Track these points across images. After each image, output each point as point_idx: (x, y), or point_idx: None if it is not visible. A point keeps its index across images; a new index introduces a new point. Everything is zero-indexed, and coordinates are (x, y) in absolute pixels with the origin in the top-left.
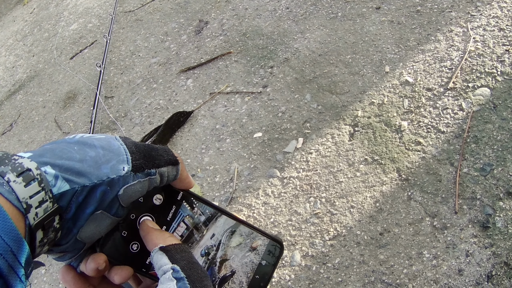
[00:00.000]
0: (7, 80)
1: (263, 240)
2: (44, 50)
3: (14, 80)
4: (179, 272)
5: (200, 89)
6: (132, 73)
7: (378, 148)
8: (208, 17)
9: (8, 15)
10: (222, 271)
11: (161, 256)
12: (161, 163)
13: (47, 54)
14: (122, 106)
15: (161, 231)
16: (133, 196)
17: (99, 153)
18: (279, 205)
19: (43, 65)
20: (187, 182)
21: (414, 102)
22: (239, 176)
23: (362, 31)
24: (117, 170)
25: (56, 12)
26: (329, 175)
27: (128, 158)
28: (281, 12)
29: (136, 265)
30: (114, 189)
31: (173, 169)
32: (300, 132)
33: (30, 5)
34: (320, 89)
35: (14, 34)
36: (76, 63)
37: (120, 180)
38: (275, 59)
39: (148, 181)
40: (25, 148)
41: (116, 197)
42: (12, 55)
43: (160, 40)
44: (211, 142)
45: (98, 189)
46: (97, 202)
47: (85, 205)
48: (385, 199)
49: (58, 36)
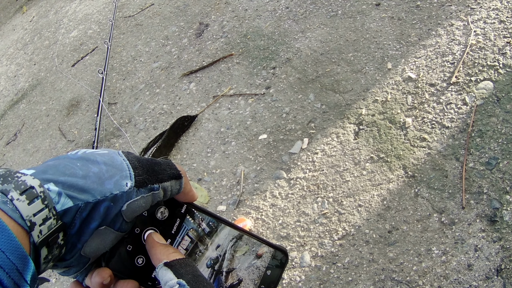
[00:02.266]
0: (9, 89)
1: (268, 249)
2: (45, 58)
3: (16, 89)
4: (185, 286)
5: (203, 93)
6: (134, 78)
7: (384, 145)
8: (208, 20)
9: (8, 24)
10: (229, 280)
11: (166, 271)
12: (164, 177)
13: (48, 62)
14: (125, 112)
15: (166, 245)
16: (136, 211)
17: (102, 169)
18: (286, 206)
19: (45, 73)
20: (190, 195)
21: (418, 98)
22: (245, 179)
23: (363, 28)
24: (120, 186)
25: (55, 19)
26: (336, 174)
27: (131, 173)
28: (281, 12)
29: (142, 278)
30: (118, 204)
31: (176, 183)
32: (305, 132)
33: (29, 13)
34: (323, 88)
35: (15, 43)
36: (78, 70)
37: (123, 196)
38: (277, 59)
39: (152, 196)
40: (30, 158)
41: (120, 212)
42: (14, 64)
43: (161, 44)
44: (217, 146)
45: (102, 205)
46: (101, 217)
47: (89, 220)
48: (392, 196)
49: (58, 43)
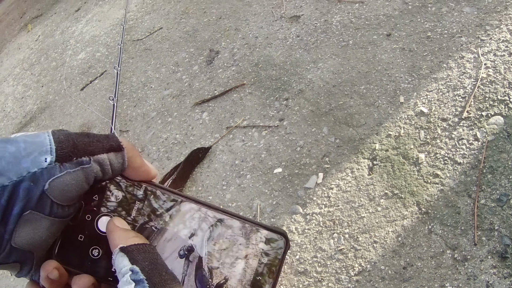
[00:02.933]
0: (17, 111)
1: (261, 234)
2: (53, 80)
3: (24, 111)
4: (139, 273)
5: (216, 123)
6: (145, 105)
7: (398, 181)
8: (219, 46)
9: (13, 42)
10: (215, 277)
11: (122, 257)
12: (96, 150)
13: (56, 85)
14: (138, 140)
15: (126, 230)
16: (66, 190)
17: (20, 147)
18: (303, 242)
19: (53, 96)
20: (143, 170)
21: (430, 133)
22: (262, 213)
23: (375, 60)
24: (38, 162)
25: (62, 40)
26: (351, 210)
27: (52, 148)
28: (292, 40)
29: (100, 273)
30: (39, 184)
31: (117, 156)
32: (319, 167)
33: (34, 32)
34: (336, 121)
35: (21, 63)
36: (87, 95)
37: (43, 173)
38: (290, 90)
39: (82, 171)
40: None
41: (44, 193)
42: (20, 85)
43: (171, 71)
44: (232, 178)
45: (20, 187)
46: (23, 201)
47: (9, 206)
48: (406, 233)
49: (66, 65)
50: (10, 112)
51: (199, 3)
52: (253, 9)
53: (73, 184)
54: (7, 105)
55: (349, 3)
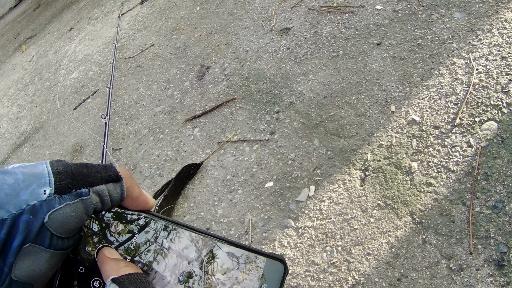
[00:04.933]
0: (12, 132)
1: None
2: (47, 100)
3: (19, 132)
4: None
5: (207, 138)
6: (137, 123)
7: (390, 192)
8: (209, 61)
9: (7, 63)
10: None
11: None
12: (95, 180)
13: (50, 105)
14: (130, 158)
15: (117, 260)
16: (66, 222)
17: (18, 179)
18: (296, 256)
19: (47, 116)
20: (141, 201)
21: (423, 141)
22: (254, 228)
23: (365, 69)
24: (37, 195)
25: (55, 59)
26: (344, 222)
27: (51, 179)
28: (282, 53)
29: None
30: (38, 216)
31: (115, 186)
32: (311, 179)
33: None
34: (327, 133)
35: (15, 83)
36: (80, 114)
37: (43, 205)
38: (280, 103)
39: (81, 203)
40: None
41: (43, 225)
42: (15, 106)
43: (162, 88)
44: (223, 194)
45: (19, 220)
46: (22, 234)
47: (9, 239)
48: (400, 244)
49: (59, 85)
50: (4, 133)
51: (189, 19)
52: (243, 23)
53: (73, 216)
54: (2, 126)
55: (339, 13)
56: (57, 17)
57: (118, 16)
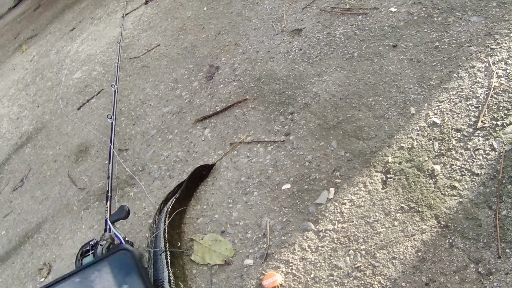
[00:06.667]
0: (13, 132)
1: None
2: (49, 100)
3: (20, 132)
4: None
5: (219, 139)
6: (144, 123)
7: (413, 194)
8: (218, 62)
9: (7, 62)
10: None
11: None
12: None
13: (53, 105)
14: (138, 159)
15: None
16: None
17: None
18: (317, 260)
19: (49, 116)
20: None
21: (444, 144)
22: (272, 231)
23: (382, 71)
24: None
25: (57, 59)
26: (366, 226)
27: None
28: (294, 54)
29: None
30: None
31: None
32: (330, 182)
33: (29, 52)
34: (345, 135)
35: (16, 83)
36: (84, 114)
37: None
38: (294, 104)
39: None
40: (39, 206)
41: None
42: (16, 106)
43: (170, 88)
44: (238, 196)
45: None
46: None
47: None
48: (426, 247)
49: (62, 85)
50: (5, 133)
51: (196, 19)
52: (252, 24)
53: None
54: (2, 126)
55: (352, 15)
56: (58, 17)
57: (122, 16)
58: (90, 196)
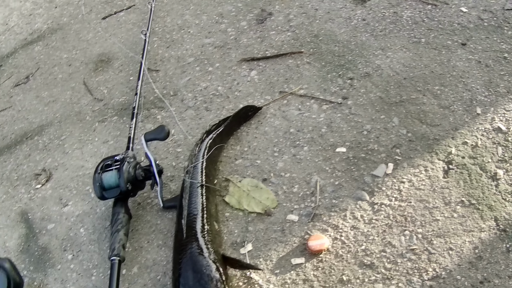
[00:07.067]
0: (23, 27)
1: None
2: (69, 3)
3: (31, 29)
4: None
5: (267, 84)
6: (181, 49)
7: (475, 192)
8: (272, 8)
9: None
10: None
11: None
12: None
13: (73, 9)
14: (170, 83)
15: None
16: None
17: None
18: (370, 232)
19: (68, 19)
20: None
21: (508, 152)
22: (322, 192)
23: (449, 64)
24: None
25: None
26: (425, 210)
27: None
28: (357, 22)
29: None
30: None
31: None
32: (389, 156)
33: None
34: (408, 115)
35: None
36: (110, 25)
37: None
38: (355, 71)
39: None
40: (45, 107)
41: None
42: (29, 2)
43: (214, 21)
44: (285, 147)
45: None
46: None
47: None
48: (484, 247)
49: None
50: (14, 26)
51: None
52: None
53: None
54: (11, 19)
55: (421, 2)
56: None
57: None
58: (108, 109)
